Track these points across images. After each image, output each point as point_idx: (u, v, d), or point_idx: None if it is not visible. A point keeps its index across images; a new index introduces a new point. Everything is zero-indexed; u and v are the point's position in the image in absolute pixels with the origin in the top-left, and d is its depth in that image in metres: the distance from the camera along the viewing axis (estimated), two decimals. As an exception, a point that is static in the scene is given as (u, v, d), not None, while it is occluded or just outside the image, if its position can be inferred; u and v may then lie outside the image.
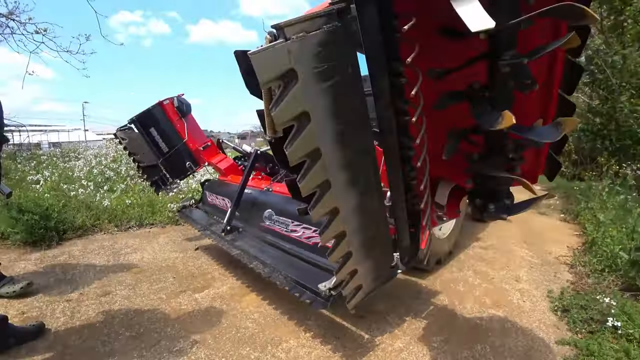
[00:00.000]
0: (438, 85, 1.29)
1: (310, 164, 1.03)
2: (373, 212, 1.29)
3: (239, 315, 2.45)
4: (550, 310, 2.77)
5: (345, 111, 1.05)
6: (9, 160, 8.21)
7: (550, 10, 0.92)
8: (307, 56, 0.92)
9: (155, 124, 3.72)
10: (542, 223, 5.80)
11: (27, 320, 2.35)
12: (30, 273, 3.13)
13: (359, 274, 1.38)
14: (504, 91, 1.15)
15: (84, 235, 4.32)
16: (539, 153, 1.56)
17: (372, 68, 1.09)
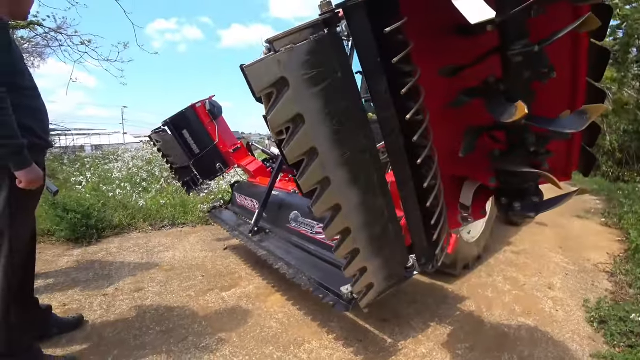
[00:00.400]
0: (454, 83, 1.29)
1: (308, 162, 1.11)
2: (378, 210, 1.32)
3: (264, 314, 2.51)
4: (586, 321, 2.63)
5: (338, 112, 1.11)
6: (56, 163, 8.83)
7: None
8: (296, 65, 1.00)
9: (188, 126, 3.81)
10: (580, 227, 5.48)
11: (68, 312, 2.52)
12: (72, 268, 3.35)
13: (369, 271, 1.38)
14: (519, 82, 1.14)
15: (120, 233, 4.57)
16: (571, 147, 1.50)
17: (366, 70, 1.14)
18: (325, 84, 1.07)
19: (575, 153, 1.50)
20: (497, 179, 1.45)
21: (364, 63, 1.15)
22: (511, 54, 1.08)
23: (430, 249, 1.52)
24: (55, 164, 8.54)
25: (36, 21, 9.20)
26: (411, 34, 1.14)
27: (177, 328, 2.32)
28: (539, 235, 4.91)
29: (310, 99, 1.05)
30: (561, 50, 1.24)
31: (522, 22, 1.06)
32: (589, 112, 1.06)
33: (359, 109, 1.18)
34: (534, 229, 5.28)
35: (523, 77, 1.13)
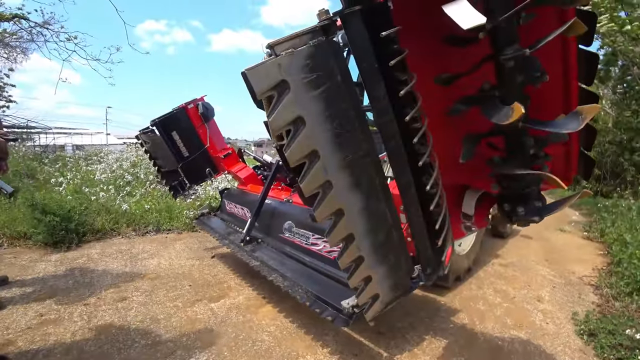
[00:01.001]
0: (453, 92, 1.32)
1: (310, 165, 1.11)
2: (381, 216, 1.31)
3: (255, 327, 2.42)
4: (576, 334, 2.66)
5: (339, 115, 1.14)
6: (35, 162, 8.48)
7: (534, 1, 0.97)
8: (296, 68, 1.04)
9: (178, 128, 3.69)
10: (564, 241, 5.61)
11: (45, 323, 2.38)
12: (50, 274, 3.18)
13: (374, 281, 1.36)
14: (513, 87, 1.17)
15: (102, 238, 4.40)
16: (569, 152, 1.52)
17: (363, 75, 1.18)
18: (324, 87, 1.09)
19: (574, 158, 1.52)
20: (499, 185, 1.46)
21: (361, 69, 1.18)
22: (503, 59, 1.11)
23: (436, 258, 1.50)
24: (34, 163, 8.21)
25: (21, 14, 8.94)
26: (408, 42, 1.20)
27: (164, 341, 2.21)
28: (525, 248, 4.99)
29: (311, 101, 1.07)
30: (552, 55, 1.27)
31: (512, 28, 1.10)
32: (584, 113, 1.09)
33: (359, 112, 1.19)
34: (520, 242, 5.37)
35: (516, 82, 1.16)
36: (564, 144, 1.49)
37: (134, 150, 8.41)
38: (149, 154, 3.91)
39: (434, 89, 1.34)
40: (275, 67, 1.02)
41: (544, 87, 1.19)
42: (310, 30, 1.08)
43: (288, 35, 1.08)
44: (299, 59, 1.04)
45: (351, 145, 1.18)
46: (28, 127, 13.33)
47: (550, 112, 1.25)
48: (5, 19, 8.80)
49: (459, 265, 3.35)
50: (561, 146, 1.49)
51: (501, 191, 1.49)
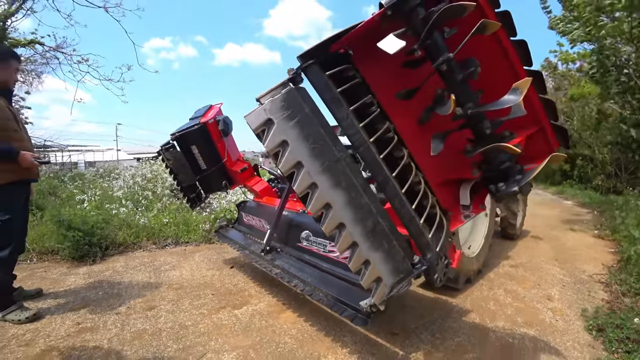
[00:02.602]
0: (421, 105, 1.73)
1: (297, 173, 1.50)
2: (365, 207, 1.60)
3: (278, 331, 2.57)
4: (585, 330, 2.75)
5: (312, 135, 1.53)
6: (56, 180, 8.81)
7: (439, 17, 1.36)
8: (276, 109, 1.48)
9: (197, 143, 3.73)
10: (574, 240, 5.65)
11: (82, 331, 2.55)
12: (80, 286, 3.38)
13: (373, 264, 1.59)
14: (455, 84, 1.52)
15: (124, 252, 4.60)
16: (545, 130, 1.74)
17: (327, 104, 1.64)
18: (298, 118, 1.52)
19: (549, 134, 1.73)
20: (478, 170, 1.73)
21: (323, 99, 1.64)
22: (437, 65, 1.48)
23: (433, 243, 1.74)
24: (55, 181, 8.52)
25: (36, 39, 9.35)
26: (372, 73, 1.72)
27: (195, 345, 2.38)
28: (535, 249, 5.06)
29: (290, 129, 1.49)
30: (493, 52, 1.60)
31: (437, 42, 1.46)
32: (520, 87, 1.40)
33: (327, 131, 1.59)
34: (530, 242, 5.44)
35: (457, 80, 1.49)
36: (537, 124, 1.72)
37: (148, 165, 8.68)
38: (170, 170, 4.00)
39: (409, 105, 1.76)
40: (262, 111, 1.47)
41: (497, 78, 1.54)
42: (282, 83, 1.57)
43: (268, 89, 1.57)
44: (277, 103, 1.49)
45: (326, 154, 1.55)
46: (45, 147, 13.79)
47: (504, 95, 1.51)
48: (21, 44, 9.23)
49: (469, 267, 3.47)
50: (534, 127, 1.71)
51: (483, 174, 1.73)
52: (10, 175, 2.63)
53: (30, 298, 3.05)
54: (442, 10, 1.34)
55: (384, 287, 1.62)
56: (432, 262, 1.75)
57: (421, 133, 1.80)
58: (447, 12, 1.36)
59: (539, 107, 1.69)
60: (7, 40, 8.54)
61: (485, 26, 1.38)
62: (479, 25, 1.37)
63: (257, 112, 1.48)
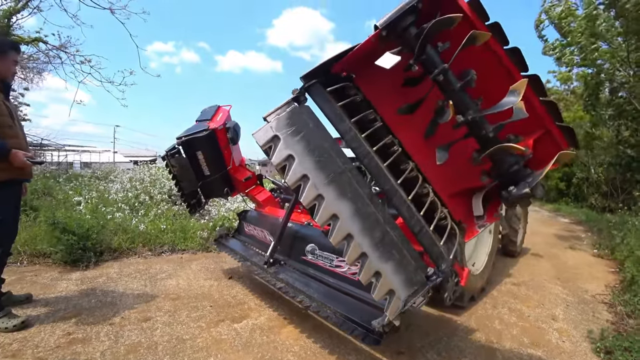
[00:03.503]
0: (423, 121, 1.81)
1: (304, 186, 1.56)
2: (371, 216, 1.63)
3: (280, 347, 2.48)
4: (593, 352, 2.70)
5: (317, 148, 1.62)
6: (52, 180, 8.64)
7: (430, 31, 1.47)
8: (282, 126, 1.59)
9: (203, 149, 3.60)
10: (575, 259, 5.63)
11: (74, 342, 2.43)
12: (72, 293, 3.25)
13: (384, 276, 1.57)
14: (453, 93, 1.58)
15: (119, 257, 4.47)
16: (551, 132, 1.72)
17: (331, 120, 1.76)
18: (302, 133, 1.62)
19: (557, 135, 1.71)
20: (487, 176, 1.74)
21: (327, 116, 1.76)
22: (434, 77, 1.57)
23: (446, 254, 1.71)
24: (50, 181, 8.35)
25: (40, 38, 9.30)
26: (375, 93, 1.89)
27: (193, 361, 2.28)
28: (536, 267, 5.02)
29: (295, 144, 1.59)
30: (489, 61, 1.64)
31: (433, 56, 1.56)
32: (517, 88, 1.44)
33: (331, 145, 1.67)
34: (531, 260, 5.41)
35: (454, 89, 1.56)
36: (543, 128, 1.71)
37: (146, 169, 8.57)
38: (174, 176, 3.85)
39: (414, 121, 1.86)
40: (269, 129, 1.59)
41: (496, 85, 1.58)
42: (286, 102, 1.69)
43: (274, 108, 1.67)
44: (282, 120, 1.60)
45: (330, 167, 1.63)
46: (42, 145, 13.61)
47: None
48: (25, 42, 9.17)
49: (474, 285, 3.41)
50: (540, 130, 1.70)
51: (493, 180, 1.73)
52: (1, 174, 2.52)
53: (19, 304, 2.92)
54: (432, 25, 1.45)
55: (397, 300, 1.57)
56: (447, 273, 1.71)
57: (427, 147, 1.83)
58: (436, 26, 1.46)
59: (541, 110, 1.68)
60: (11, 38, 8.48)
61: (475, 37, 1.47)
62: (469, 36, 1.45)
63: (264, 129, 1.60)
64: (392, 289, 1.57)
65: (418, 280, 1.63)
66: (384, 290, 1.56)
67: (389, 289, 1.56)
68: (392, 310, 1.56)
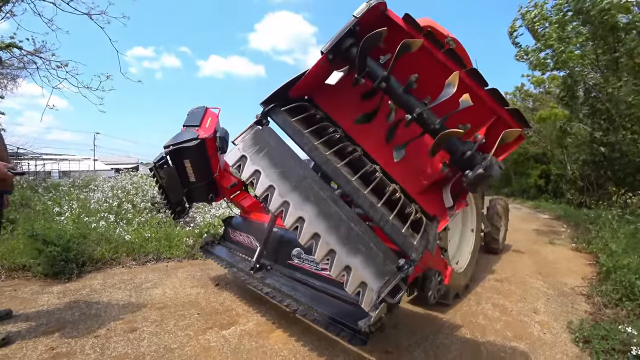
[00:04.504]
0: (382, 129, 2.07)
1: (270, 195, 1.76)
2: (335, 215, 1.75)
3: (269, 352, 2.48)
4: (572, 342, 2.82)
5: (279, 162, 1.85)
6: (30, 191, 8.35)
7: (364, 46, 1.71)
8: (247, 146, 1.87)
9: (191, 157, 3.51)
10: (554, 253, 5.82)
11: (57, 357, 2.38)
12: (54, 307, 3.17)
13: (355, 269, 1.64)
14: (398, 95, 1.81)
15: (102, 268, 4.37)
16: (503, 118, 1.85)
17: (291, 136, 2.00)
18: (265, 151, 1.87)
19: (508, 118, 1.84)
20: (447, 167, 1.88)
21: (288, 133, 2.01)
22: (377, 85, 1.82)
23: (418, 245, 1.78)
24: (27, 191, 8.07)
25: (14, 43, 9.03)
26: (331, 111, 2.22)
27: (182, 370, 2.26)
28: (518, 262, 5.17)
29: (260, 160, 1.84)
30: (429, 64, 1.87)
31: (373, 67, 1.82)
32: (452, 81, 1.64)
33: (292, 157, 1.91)
34: (513, 256, 5.56)
35: (398, 92, 1.79)
36: (494, 114, 1.85)
37: (128, 177, 8.40)
38: (161, 187, 3.75)
39: (373, 130, 2.13)
40: (236, 150, 1.87)
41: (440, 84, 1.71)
42: (249, 126, 1.99)
43: (240, 132, 1.97)
44: (247, 142, 1.89)
45: (293, 176, 1.82)
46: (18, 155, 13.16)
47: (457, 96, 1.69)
48: (0, 48, 8.88)
49: (458, 283, 3.49)
50: (492, 117, 1.85)
51: (452, 167, 1.87)
52: None
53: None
54: (364, 41, 1.70)
55: (370, 292, 1.61)
56: (417, 260, 1.73)
57: (391, 150, 2.00)
58: (367, 42, 1.70)
59: (488, 98, 1.82)
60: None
61: (409, 45, 1.69)
62: (401, 45, 1.68)
63: (233, 151, 1.89)
64: (364, 281, 1.62)
65: (389, 270, 1.67)
66: (355, 283, 1.61)
67: (361, 282, 1.62)
68: (367, 302, 1.60)
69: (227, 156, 1.89)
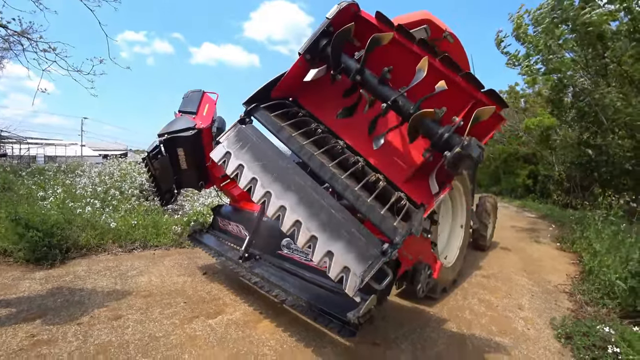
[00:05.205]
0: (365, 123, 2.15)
1: (253, 186, 1.89)
2: (315, 203, 1.80)
3: (255, 342, 2.46)
4: (555, 338, 2.87)
5: (261, 155, 1.98)
6: (12, 174, 8.12)
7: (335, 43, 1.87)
8: (230, 143, 2.05)
9: (185, 146, 3.40)
10: (540, 252, 5.93)
11: (38, 345, 2.32)
12: (36, 293, 3.09)
13: (337, 255, 1.65)
14: (373, 87, 1.92)
15: (87, 254, 4.28)
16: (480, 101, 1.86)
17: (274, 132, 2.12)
18: (247, 146, 2.03)
19: (486, 100, 1.85)
20: (428, 152, 1.88)
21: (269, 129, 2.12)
22: (352, 78, 1.94)
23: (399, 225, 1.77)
24: (10, 175, 7.84)
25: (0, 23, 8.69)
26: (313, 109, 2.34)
27: (166, 358, 2.22)
28: (505, 260, 5.25)
29: (243, 155, 1.99)
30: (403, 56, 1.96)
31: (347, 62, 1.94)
32: (421, 66, 1.74)
33: (273, 151, 2.02)
34: (499, 253, 5.65)
35: (374, 84, 1.90)
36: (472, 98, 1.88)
37: (116, 164, 8.22)
38: (153, 178, 3.59)
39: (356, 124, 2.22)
40: (221, 147, 2.06)
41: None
42: (233, 125, 2.18)
43: (225, 130, 2.17)
44: (231, 139, 2.07)
45: (274, 168, 1.92)
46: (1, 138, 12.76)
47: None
48: (-17, 28, 8.53)
49: (446, 277, 3.52)
50: (471, 100, 1.87)
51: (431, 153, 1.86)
52: None
53: (-23, 306, 2.75)
54: (334, 38, 1.85)
55: (353, 276, 1.60)
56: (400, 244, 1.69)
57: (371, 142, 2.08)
58: (337, 39, 1.85)
59: (464, 83, 1.86)
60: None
61: (379, 39, 1.79)
62: (371, 39, 1.78)
63: (217, 149, 2.07)
64: (346, 265, 1.61)
65: (372, 254, 1.65)
66: (338, 268, 1.61)
67: (343, 267, 1.61)
68: (350, 286, 1.58)
69: (213, 153, 2.05)
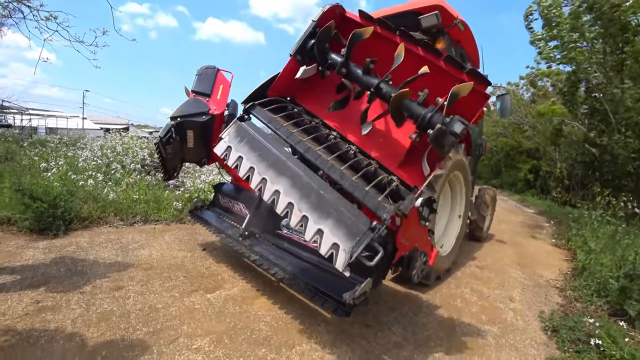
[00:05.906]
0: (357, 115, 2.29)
1: (251, 175, 2.14)
2: (306, 185, 1.97)
3: (252, 317, 2.54)
4: (541, 330, 2.95)
5: (258, 147, 2.24)
6: (15, 145, 8.14)
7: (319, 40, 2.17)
8: (231, 138, 2.36)
9: (197, 130, 3.32)
10: (535, 247, 6.00)
11: (43, 310, 2.39)
12: (40, 262, 3.17)
13: (327, 232, 1.77)
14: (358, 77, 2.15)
15: (89, 226, 4.36)
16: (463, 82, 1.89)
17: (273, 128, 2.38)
18: (246, 140, 2.30)
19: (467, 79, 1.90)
20: (416, 134, 1.98)
21: (267, 125, 2.40)
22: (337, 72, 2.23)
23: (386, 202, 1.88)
24: (13, 145, 7.87)
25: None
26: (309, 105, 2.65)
27: (166, 329, 2.30)
28: (500, 252, 5.32)
29: (242, 147, 2.27)
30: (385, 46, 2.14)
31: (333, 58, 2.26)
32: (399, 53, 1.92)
33: (269, 142, 2.25)
34: (495, 245, 5.71)
35: (358, 74, 2.13)
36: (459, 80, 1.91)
37: (118, 138, 8.22)
38: (163, 160, 3.49)
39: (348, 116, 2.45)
40: (223, 143, 2.37)
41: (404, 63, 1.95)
42: (233, 122, 2.46)
43: (226, 129, 2.46)
44: (231, 135, 2.37)
45: (269, 157, 2.16)
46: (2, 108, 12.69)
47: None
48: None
49: (441, 266, 3.59)
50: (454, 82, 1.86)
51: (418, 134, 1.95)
52: None
53: (-18, 272, 2.82)
54: (318, 36, 2.08)
55: (342, 252, 1.69)
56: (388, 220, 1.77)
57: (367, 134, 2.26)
58: (323, 35, 2.08)
59: (447, 66, 1.97)
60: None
61: (360, 33, 1.99)
62: (352, 34, 1.99)
63: (220, 144, 2.38)
64: (335, 242, 1.72)
65: (360, 230, 1.74)
66: (328, 244, 1.73)
67: (333, 243, 1.72)
68: (340, 262, 1.68)
69: (216, 148, 2.33)
